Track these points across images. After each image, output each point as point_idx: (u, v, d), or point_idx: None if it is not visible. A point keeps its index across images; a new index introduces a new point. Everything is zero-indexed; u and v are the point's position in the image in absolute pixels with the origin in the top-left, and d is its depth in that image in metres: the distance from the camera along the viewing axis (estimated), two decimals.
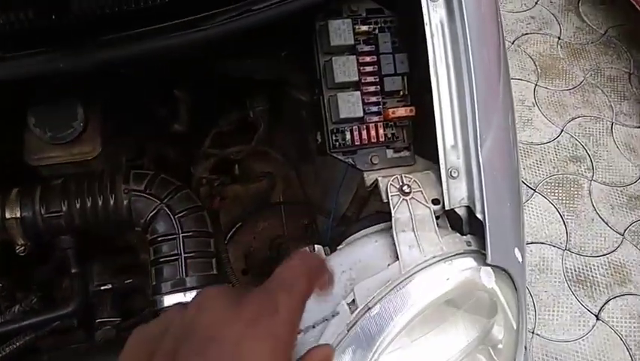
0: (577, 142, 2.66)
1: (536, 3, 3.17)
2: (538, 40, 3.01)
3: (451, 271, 0.77)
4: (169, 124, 1.03)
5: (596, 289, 2.24)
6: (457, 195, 0.81)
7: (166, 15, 0.66)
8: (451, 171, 0.81)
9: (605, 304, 2.20)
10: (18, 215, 0.74)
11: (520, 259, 0.84)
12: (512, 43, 2.97)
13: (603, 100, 2.82)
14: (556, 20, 3.12)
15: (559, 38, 3.04)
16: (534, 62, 2.91)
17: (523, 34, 3.02)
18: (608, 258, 2.31)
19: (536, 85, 2.83)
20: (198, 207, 0.81)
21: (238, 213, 1.24)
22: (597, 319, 2.16)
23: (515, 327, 0.84)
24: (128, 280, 0.92)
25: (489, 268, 0.78)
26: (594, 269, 2.28)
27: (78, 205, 0.75)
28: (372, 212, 1.14)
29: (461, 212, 0.82)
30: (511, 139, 0.88)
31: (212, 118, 1.17)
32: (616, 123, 2.74)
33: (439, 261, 0.77)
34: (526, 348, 0.90)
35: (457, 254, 0.78)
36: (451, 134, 0.81)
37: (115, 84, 0.88)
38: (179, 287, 0.75)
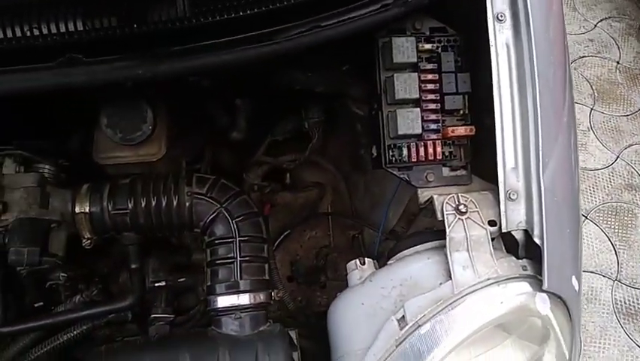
0: (633, 170, 2.55)
1: (595, 26, 3.09)
2: (596, 64, 2.92)
3: (505, 295, 0.76)
4: (228, 132, 1.07)
5: None
6: (514, 218, 0.80)
7: (239, 28, 0.69)
8: (510, 193, 0.80)
9: None
10: (87, 210, 0.78)
11: (576, 288, 0.82)
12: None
13: None
14: (616, 44, 3.02)
15: (618, 63, 2.94)
16: (591, 86, 2.83)
17: (580, 57, 2.94)
18: None
19: (592, 109, 2.74)
20: (255, 213, 0.83)
21: (286, 221, 1.26)
22: None
23: (568, 357, 0.82)
24: (182, 279, 0.95)
25: (544, 295, 0.76)
26: None
27: (143, 204, 0.79)
28: (421, 228, 1.14)
29: (518, 235, 0.80)
30: (573, 164, 0.86)
31: (267, 127, 1.20)
32: None
33: (493, 283, 0.76)
34: None
35: (512, 278, 0.77)
36: (512, 156, 0.80)
37: (181, 90, 0.92)
38: (233, 289, 0.77)
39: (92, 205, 0.78)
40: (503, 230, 0.80)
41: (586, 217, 2.39)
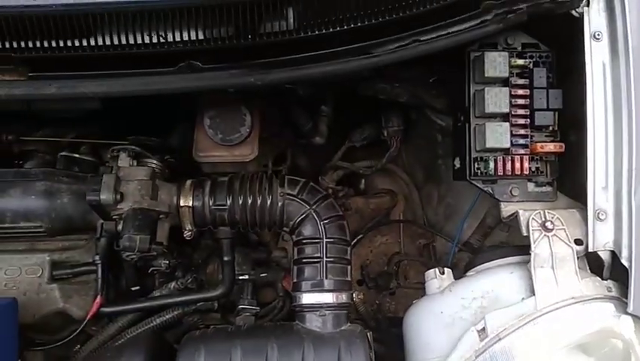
0: None
1: None
2: None
3: (589, 315, 0.76)
4: (310, 136, 1.11)
5: None
6: (602, 238, 0.79)
7: (342, 40, 0.73)
8: (598, 213, 0.79)
9: None
10: (190, 204, 0.84)
11: None
12: None
13: None
14: None
15: None
16: None
17: None
18: None
19: None
20: (341, 216, 0.87)
21: (357, 226, 1.29)
22: None
23: None
24: (263, 274, 1.00)
25: (629, 317, 0.75)
26: None
27: (240, 201, 0.84)
28: (497, 242, 1.14)
29: (605, 256, 0.80)
30: None
31: (346, 132, 1.23)
32: None
33: (576, 303, 0.76)
34: None
35: (596, 298, 0.77)
36: (603, 176, 0.79)
37: (276, 96, 0.98)
38: (318, 288, 0.81)
39: (195, 200, 0.85)
40: (590, 250, 0.79)
41: None
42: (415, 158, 1.32)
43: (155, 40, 0.68)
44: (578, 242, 0.81)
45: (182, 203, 0.84)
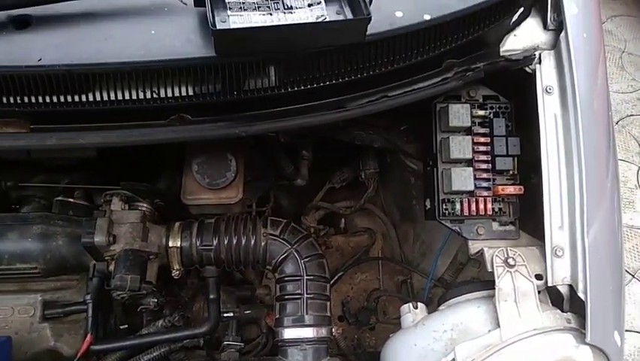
0: None
1: None
2: None
3: (550, 345, 0.81)
4: (292, 179, 1.18)
5: None
6: (560, 273, 0.86)
7: (319, 95, 0.81)
8: (556, 250, 0.86)
9: None
10: (179, 245, 0.90)
11: (619, 343, 0.86)
12: (616, 124, 2.91)
13: None
14: None
15: None
16: (638, 144, 2.83)
17: (628, 116, 2.96)
18: None
19: None
20: (321, 254, 0.93)
21: (338, 264, 1.34)
22: None
23: None
24: (247, 311, 1.04)
25: (587, 347, 0.81)
26: None
27: (226, 242, 0.90)
28: (469, 278, 1.21)
29: (563, 290, 0.86)
30: (616, 224, 0.92)
31: (326, 175, 1.31)
32: None
33: (538, 334, 0.82)
34: None
35: (556, 329, 0.83)
36: (559, 216, 0.87)
37: (259, 143, 1.05)
38: (299, 323, 0.86)
39: (183, 241, 0.90)
40: (549, 284, 0.86)
41: (633, 276, 2.36)
42: (392, 198, 1.40)
43: (148, 95, 0.75)
44: (538, 277, 0.87)
45: (170, 244, 0.89)
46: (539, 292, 0.87)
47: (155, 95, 0.75)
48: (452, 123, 0.94)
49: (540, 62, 0.92)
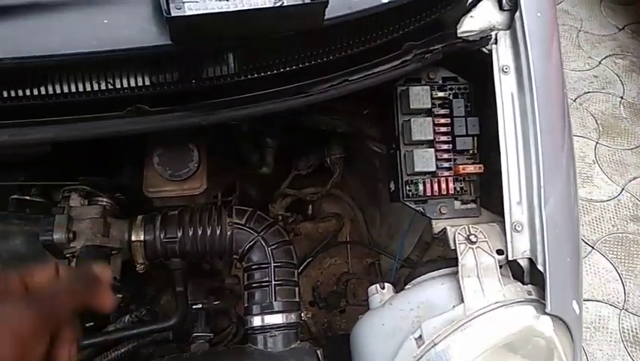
0: (638, 202, 2.63)
1: (600, 63, 3.21)
2: (601, 99, 3.03)
3: (512, 317, 0.84)
4: (257, 167, 1.18)
5: None
6: (520, 247, 0.89)
7: (279, 81, 0.80)
8: (515, 225, 0.89)
9: None
10: (142, 238, 0.88)
11: (577, 312, 0.90)
12: (574, 101, 3.01)
13: None
14: (620, 80, 3.14)
15: (622, 98, 3.05)
16: (596, 120, 2.93)
17: (585, 93, 3.06)
18: None
19: (597, 143, 2.84)
20: (287, 241, 0.93)
21: (307, 250, 1.35)
22: None
23: None
24: (216, 302, 1.04)
25: (548, 317, 0.84)
26: None
27: (191, 233, 0.89)
28: (434, 257, 1.23)
29: (523, 263, 0.89)
30: (572, 198, 0.95)
31: (292, 162, 1.31)
32: None
33: (500, 306, 0.84)
34: None
35: (518, 302, 0.86)
36: (517, 192, 0.89)
37: (221, 132, 1.04)
38: (268, 310, 0.86)
39: (147, 234, 0.89)
40: (510, 258, 0.88)
41: (592, 247, 2.46)
42: (358, 182, 1.41)
43: (103, 87, 0.73)
44: (499, 252, 0.90)
45: (133, 238, 0.88)
46: (501, 266, 0.90)
47: (110, 87, 0.73)
48: (413, 105, 0.95)
49: (496, 43, 0.93)
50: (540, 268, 0.86)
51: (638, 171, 2.74)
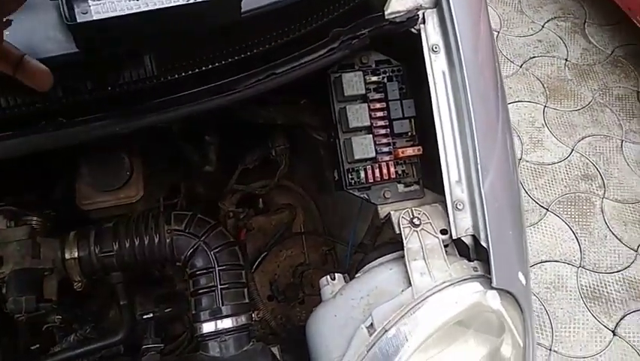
0: (588, 161, 2.71)
1: (543, 27, 3.27)
2: (546, 63, 3.10)
3: (460, 295, 0.85)
4: (200, 166, 1.14)
5: (611, 305, 2.27)
6: (463, 225, 0.89)
7: (202, 80, 0.77)
8: (456, 204, 0.89)
9: (621, 319, 2.23)
10: (76, 255, 0.85)
11: (523, 282, 0.92)
12: (520, 67, 3.06)
13: (612, 119, 2.88)
14: (563, 43, 3.21)
15: (566, 60, 3.12)
16: (542, 85, 2.99)
17: (530, 58, 3.11)
18: (622, 274, 2.35)
19: (545, 106, 2.90)
20: (231, 242, 0.91)
21: (262, 244, 1.34)
22: (614, 334, 2.19)
23: (522, 345, 0.91)
24: (168, 309, 1.02)
25: (494, 291, 0.85)
26: (609, 285, 2.32)
27: (127, 245, 0.86)
28: (387, 240, 1.24)
29: (468, 240, 0.90)
30: (511, 171, 0.96)
31: (237, 157, 1.28)
32: (625, 141, 2.80)
33: (448, 286, 0.85)
34: None
35: (464, 279, 0.86)
36: (456, 171, 0.90)
37: (153, 135, 1.00)
38: (216, 315, 0.85)
39: (81, 250, 0.85)
40: (454, 237, 0.89)
41: (547, 209, 2.54)
42: (307, 172, 1.39)
43: (12, 102, 0.69)
44: (443, 232, 0.90)
45: (67, 256, 0.84)
46: (447, 245, 0.91)
47: (19, 102, 0.69)
48: (347, 92, 0.94)
49: (424, 22, 0.92)
50: (483, 243, 0.87)
51: (586, 131, 2.83)
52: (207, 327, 0.84)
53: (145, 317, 0.97)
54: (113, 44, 0.68)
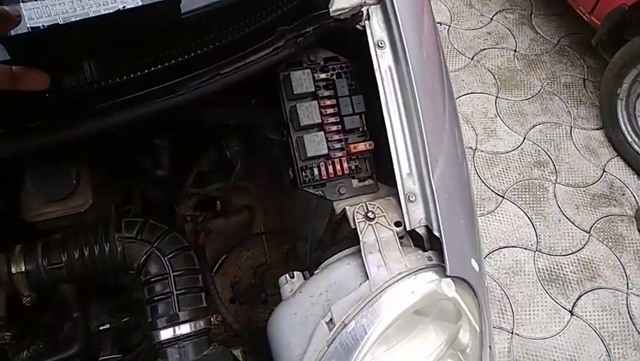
0: (539, 148, 2.81)
1: (491, 19, 3.36)
2: (496, 55, 3.19)
3: (416, 285, 0.87)
4: (152, 171, 1.12)
5: (568, 286, 2.36)
6: (416, 216, 0.91)
7: (145, 83, 0.76)
8: (409, 196, 0.91)
9: (577, 299, 2.33)
10: (23, 269, 0.82)
11: (477, 269, 0.94)
12: (472, 59, 3.14)
13: (561, 106, 2.99)
14: (512, 34, 3.31)
15: (515, 51, 3.22)
16: (493, 76, 3.08)
17: (481, 50, 3.20)
18: (577, 256, 2.45)
19: (497, 97, 2.99)
20: (186, 247, 0.90)
21: (223, 246, 1.32)
22: (571, 314, 2.28)
23: (478, 330, 0.94)
24: (125, 319, 0.99)
25: (449, 279, 0.87)
26: (565, 267, 2.41)
27: (77, 256, 0.83)
28: (346, 235, 1.25)
29: (421, 231, 0.92)
30: (460, 162, 0.99)
31: (191, 160, 1.26)
32: (575, 127, 2.91)
33: (404, 277, 0.87)
34: (490, 348, 0.99)
35: (420, 269, 0.88)
36: (407, 164, 0.91)
37: (100, 141, 0.97)
38: (173, 321, 0.83)
39: (28, 264, 0.82)
40: (408, 229, 0.91)
41: (503, 197, 2.61)
42: (264, 172, 1.38)
43: None
44: (397, 224, 0.92)
45: (13, 270, 0.81)
46: (402, 237, 0.92)
47: None
48: (297, 90, 0.94)
49: (369, 19, 0.94)
50: (436, 233, 0.89)
51: (537, 119, 2.93)
52: (165, 334, 0.83)
53: (101, 328, 0.95)
54: (48, 55, 0.66)
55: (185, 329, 0.83)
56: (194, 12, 0.72)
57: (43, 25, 0.60)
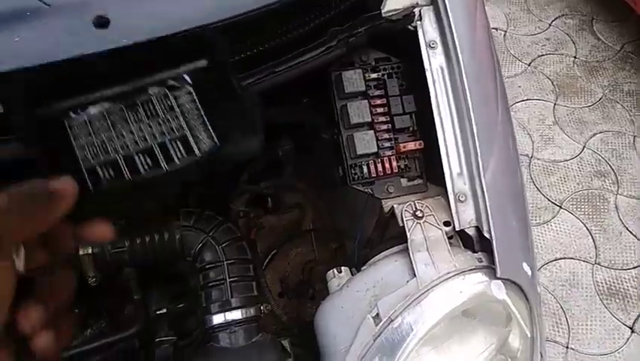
0: (600, 157, 2.69)
1: (550, 25, 3.26)
2: (555, 61, 3.09)
3: (464, 285, 0.86)
4: None
5: (629, 301, 2.24)
6: (465, 217, 0.91)
7: None
8: (458, 196, 0.91)
9: (639, 316, 2.20)
10: (90, 251, 0.88)
11: (529, 273, 0.93)
12: (529, 65, 3.06)
13: (623, 114, 2.86)
14: (571, 40, 3.19)
15: (575, 57, 3.11)
16: (552, 82, 2.98)
17: (539, 56, 3.11)
18: (638, 270, 2.32)
19: (555, 104, 2.89)
20: (239, 237, 0.94)
21: (273, 242, 1.36)
22: (632, 331, 2.17)
23: (530, 335, 0.92)
24: (181, 305, 1.04)
25: (499, 281, 0.86)
26: (625, 282, 2.29)
27: (138, 241, 0.89)
28: (395, 234, 1.25)
29: (471, 232, 0.91)
30: (513, 162, 0.98)
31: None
32: (638, 137, 2.77)
33: (452, 277, 0.86)
34: (542, 355, 0.96)
35: (469, 270, 0.88)
36: (457, 163, 0.91)
37: None
38: (226, 307, 0.87)
39: (94, 247, 0.89)
40: (457, 229, 0.91)
41: (560, 207, 2.52)
42: (315, 169, 1.41)
43: None
44: (446, 224, 0.92)
45: (81, 252, 0.88)
46: (451, 237, 0.92)
47: None
48: (348, 90, 0.96)
49: (421, 19, 0.95)
50: (486, 235, 0.88)
51: (597, 127, 2.81)
52: (217, 319, 0.86)
53: (159, 312, 1.00)
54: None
55: (236, 314, 0.87)
56: (253, 12, 0.76)
57: None
